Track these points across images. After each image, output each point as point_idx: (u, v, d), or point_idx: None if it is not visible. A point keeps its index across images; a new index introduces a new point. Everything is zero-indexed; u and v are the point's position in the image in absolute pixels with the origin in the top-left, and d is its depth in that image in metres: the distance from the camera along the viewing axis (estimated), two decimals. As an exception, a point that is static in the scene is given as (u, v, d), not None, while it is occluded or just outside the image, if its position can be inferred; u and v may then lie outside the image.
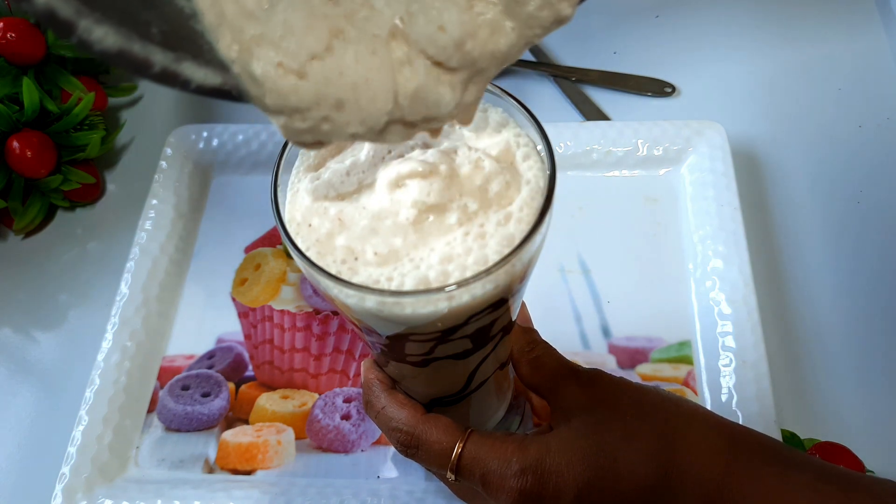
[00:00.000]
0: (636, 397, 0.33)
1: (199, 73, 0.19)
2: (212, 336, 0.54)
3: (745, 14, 0.68)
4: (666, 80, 0.64)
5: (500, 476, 0.31)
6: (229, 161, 0.62)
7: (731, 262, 0.50)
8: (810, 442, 0.44)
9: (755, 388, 0.45)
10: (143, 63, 0.18)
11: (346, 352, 0.52)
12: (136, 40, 0.18)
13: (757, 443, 0.31)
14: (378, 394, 0.35)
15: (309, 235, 0.27)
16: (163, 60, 0.18)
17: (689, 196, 0.55)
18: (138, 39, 0.18)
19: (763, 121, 0.61)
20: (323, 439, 0.49)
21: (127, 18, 0.18)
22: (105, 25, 0.17)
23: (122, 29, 0.17)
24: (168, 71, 0.18)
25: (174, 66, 0.18)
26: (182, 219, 0.59)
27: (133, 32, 0.18)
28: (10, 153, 0.57)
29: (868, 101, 0.61)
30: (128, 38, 0.17)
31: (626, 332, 0.51)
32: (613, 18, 0.70)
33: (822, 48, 0.64)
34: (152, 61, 0.18)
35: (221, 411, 0.51)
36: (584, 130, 0.58)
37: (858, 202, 0.56)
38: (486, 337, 0.30)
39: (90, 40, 0.17)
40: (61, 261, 0.61)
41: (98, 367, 0.50)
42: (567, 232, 0.55)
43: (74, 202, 0.63)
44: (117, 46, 0.17)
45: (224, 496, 0.45)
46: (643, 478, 0.30)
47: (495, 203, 0.26)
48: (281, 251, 0.57)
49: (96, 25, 0.17)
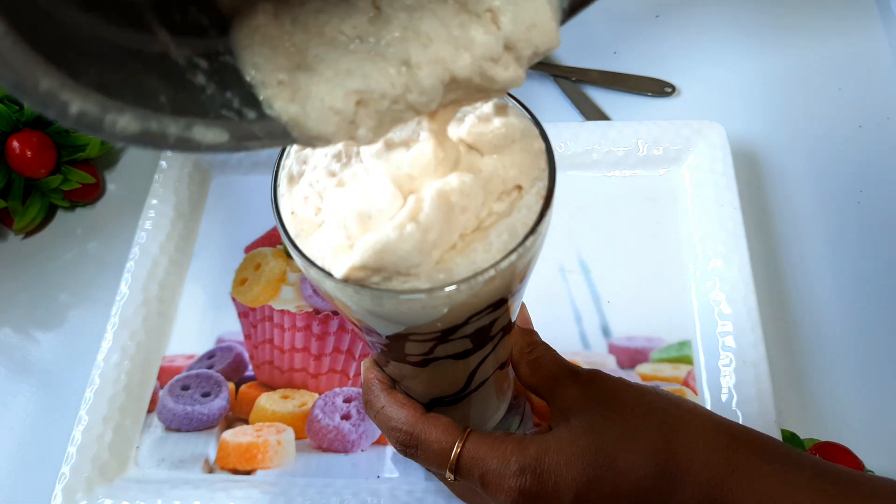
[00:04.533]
0: (635, 397, 0.33)
1: (209, 134, 0.19)
2: (212, 336, 0.54)
3: (745, 14, 0.68)
4: (666, 80, 0.64)
5: (500, 475, 0.31)
6: (229, 161, 0.62)
7: (731, 262, 0.50)
8: (810, 442, 0.44)
9: (755, 388, 0.45)
10: (160, 138, 0.19)
11: (346, 352, 0.52)
12: (151, 117, 0.18)
13: (756, 441, 0.31)
14: (378, 393, 0.35)
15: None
16: (176, 131, 0.19)
17: (689, 196, 0.55)
18: (153, 115, 0.18)
19: (763, 121, 0.61)
20: (323, 439, 0.49)
21: (140, 95, 0.18)
22: (126, 114, 0.18)
23: (138, 109, 0.18)
24: (182, 139, 0.19)
25: (187, 133, 0.19)
26: (182, 219, 0.59)
27: (147, 109, 0.18)
28: (10, 153, 0.58)
29: (868, 101, 0.61)
30: (145, 118, 0.18)
31: (626, 332, 0.51)
32: (613, 18, 0.70)
33: (822, 48, 0.64)
34: (168, 134, 0.19)
35: (221, 411, 0.51)
36: (584, 130, 0.58)
37: (858, 202, 0.56)
38: (485, 337, 0.30)
39: (116, 132, 0.18)
40: (61, 261, 0.61)
41: (98, 367, 0.50)
42: (567, 232, 0.55)
43: (74, 202, 0.63)
44: (138, 129, 0.18)
45: (224, 496, 0.45)
46: (642, 477, 0.30)
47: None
48: (281, 251, 0.57)
49: (119, 115, 0.18)
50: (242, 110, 0.20)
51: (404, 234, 0.23)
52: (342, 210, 0.25)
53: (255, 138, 0.20)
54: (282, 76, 0.21)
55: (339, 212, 0.25)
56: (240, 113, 0.20)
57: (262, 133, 0.21)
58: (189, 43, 0.21)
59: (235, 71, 0.21)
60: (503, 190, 0.26)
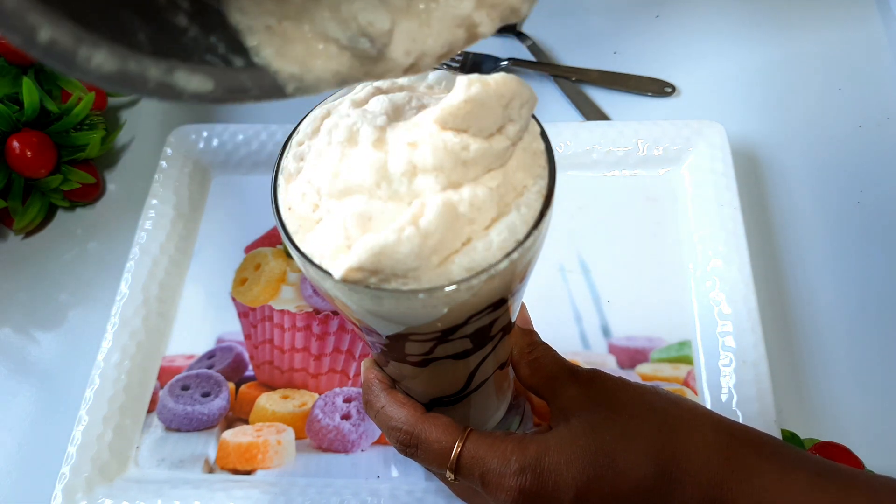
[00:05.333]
0: (635, 396, 0.33)
1: (193, 80, 0.18)
2: (212, 336, 0.54)
3: (745, 14, 0.68)
4: (666, 80, 0.64)
5: (500, 475, 0.31)
6: (229, 161, 0.62)
7: (731, 262, 0.50)
8: (810, 442, 0.44)
9: (755, 388, 0.45)
10: (139, 80, 0.17)
11: (346, 352, 0.52)
12: (130, 57, 0.17)
13: (756, 440, 0.31)
14: (378, 393, 0.35)
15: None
16: (157, 74, 0.18)
17: (689, 196, 0.55)
18: (132, 55, 0.17)
19: (763, 121, 0.61)
20: (323, 439, 0.49)
21: (117, 31, 0.17)
22: (102, 48, 0.16)
23: (115, 47, 0.17)
24: (163, 84, 0.18)
25: (168, 78, 0.18)
26: (182, 219, 0.59)
27: (125, 47, 0.17)
28: (10, 153, 0.58)
29: (868, 100, 0.61)
30: (123, 57, 0.17)
31: (626, 332, 0.51)
32: (613, 18, 0.70)
33: (822, 48, 0.64)
34: (147, 76, 0.17)
35: (221, 411, 0.51)
36: (584, 130, 0.58)
37: (858, 202, 0.56)
38: (485, 337, 0.30)
39: (90, 68, 0.16)
40: (61, 261, 0.61)
41: (98, 367, 0.50)
42: (567, 232, 0.55)
43: (74, 202, 0.63)
44: (115, 68, 0.17)
45: (224, 496, 0.45)
46: (642, 476, 0.30)
47: None
48: (281, 251, 0.57)
49: (95, 50, 0.16)
50: (228, 57, 0.19)
51: (402, 238, 0.23)
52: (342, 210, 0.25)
53: (243, 90, 0.19)
54: (270, 21, 0.20)
55: (338, 211, 0.25)
56: (226, 60, 0.19)
57: (251, 83, 0.19)
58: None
59: (219, 14, 0.20)
60: (514, 196, 0.26)
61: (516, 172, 0.26)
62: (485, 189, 0.25)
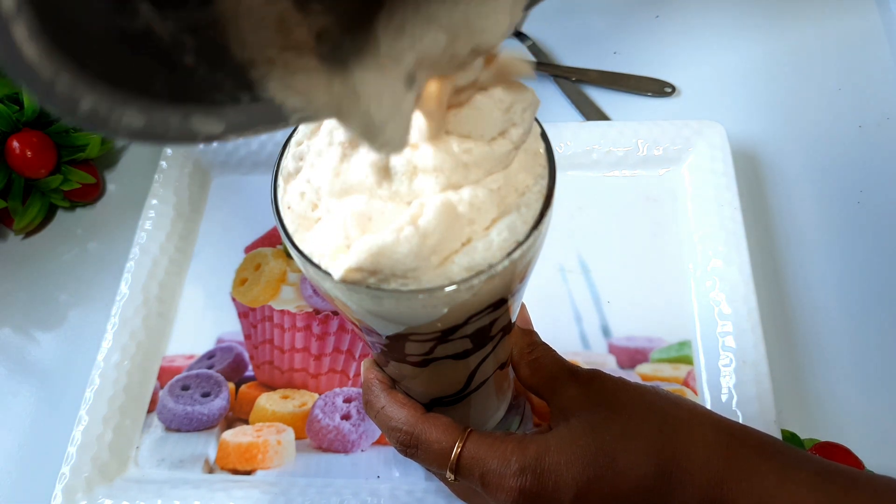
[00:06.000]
0: (635, 397, 0.33)
1: (207, 123, 0.18)
2: (212, 336, 0.54)
3: (745, 14, 0.68)
4: (666, 80, 0.64)
5: (500, 475, 0.31)
6: (229, 161, 0.62)
7: (731, 262, 0.50)
8: (810, 442, 0.44)
9: (755, 388, 0.45)
10: (162, 131, 0.18)
11: (346, 352, 0.52)
12: (154, 109, 0.17)
13: (756, 441, 0.31)
14: (378, 393, 0.35)
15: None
16: (176, 123, 0.18)
17: (689, 196, 0.55)
18: (154, 106, 0.17)
19: (763, 121, 0.61)
20: (323, 439, 0.49)
21: (140, 83, 0.17)
22: (132, 106, 0.17)
23: (141, 101, 0.17)
24: (182, 131, 0.18)
25: (186, 124, 0.18)
26: (182, 219, 0.59)
27: (148, 98, 0.17)
28: (10, 153, 0.58)
29: (868, 100, 0.61)
30: (148, 111, 0.17)
31: (626, 332, 0.51)
32: (613, 18, 0.70)
33: (822, 48, 0.64)
34: (168, 126, 0.18)
35: (221, 411, 0.51)
36: (584, 130, 0.58)
37: (858, 202, 0.56)
38: (485, 337, 0.30)
39: (120, 127, 0.17)
40: (61, 261, 0.61)
41: (98, 367, 0.50)
42: (567, 232, 0.55)
43: (74, 202, 0.63)
44: (143, 124, 0.17)
45: (224, 496, 0.45)
46: (642, 476, 0.30)
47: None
48: (281, 251, 0.57)
49: (126, 108, 0.17)
50: (235, 93, 0.19)
51: (401, 238, 0.23)
52: (342, 209, 0.25)
53: (251, 125, 0.19)
54: (271, 53, 0.20)
55: (338, 211, 0.25)
56: (233, 96, 0.19)
57: (258, 118, 0.19)
58: (171, 16, 0.19)
59: (222, 49, 0.20)
60: (514, 197, 0.26)
61: (518, 173, 0.26)
62: (485, 190, 0.25)
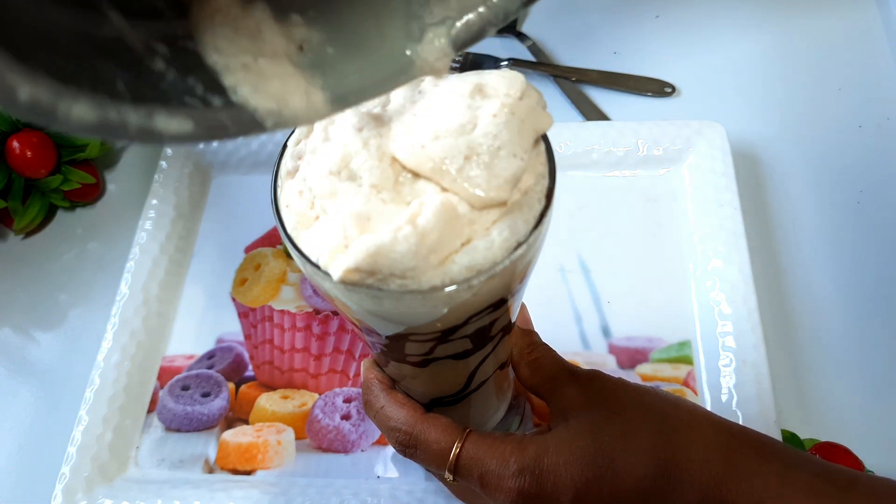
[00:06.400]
0: (634, 397, 0.33)
1: (173, 123, 0.18)
2: (212, 336, 0.54)
3: (745, 14, 0.68)
4: (666, 80, 0.64)
5: (499, 476, 0.31)
6: (229, 161, 0.62)
7: (731, 262, 0.50)
8: (810, 442, 0.44)
9: (755, 388, 0.45)
10: (120, 128, 0.17)
11: (346, 352, 0.52)
12: (109, 106, 0.17)
13: (756, 442, 0.31)
14: (377, 393, 0.35)
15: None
16: (136, 120, 0.18)
17: (689, 196, 0.55)
18: (111, 103, 0.17)
19: (763, 121, 0.61)
20: (323, 439, 0.49)
21: (95, 81, 0.17)
22: (81, 101, 0.17)
23: (95, 97, 0.17)
24: (143, 129, 0.18)
25: (148, 122, 0.18)
26: (182, 219, 0.59)
27: (104, 96, 0.17)
28: (10, 153, 0.58)
29: (868, 101, 0.61)
30: (102, 107, 0.17)
31: (626, 332, 0.51)
32: (613, 18, 0.70)
33: (823, 48, 0.64)
34: (128, 123, 0.17)
35: (221, 411, 0.51)
36: (584, 130, 0.58)
37: (858, 202, 0.56)
38: (485, 337, 0.30)
39: (70, 121, 0.16)
40: (61, 261, 0.61)
41: (98, 367, 0.50)
42: (567, 232, 0.55)
43: (74, 202, 0.63)
44: (96, 119, 0.17)
45: (224, 496, 0.45)
46: (641, 477, 0.30)
47: None
48: (281, 251, 0.57)
49: (74, 102, 0.16)
50: (207, 97, 0.19)
51: (398, 237, 0.23)
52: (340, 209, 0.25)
53: (222, 127, 0.19)
54: (246, 59, 0.20)
55: (337, 211, 0.25)
56: (204, 100, 0.19)
57: (230, 121, 0.20)
58: (145, 26, 0.19)
59: (197, 56, 0.20)
60: (516, 196, 0.26)
61: None
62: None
